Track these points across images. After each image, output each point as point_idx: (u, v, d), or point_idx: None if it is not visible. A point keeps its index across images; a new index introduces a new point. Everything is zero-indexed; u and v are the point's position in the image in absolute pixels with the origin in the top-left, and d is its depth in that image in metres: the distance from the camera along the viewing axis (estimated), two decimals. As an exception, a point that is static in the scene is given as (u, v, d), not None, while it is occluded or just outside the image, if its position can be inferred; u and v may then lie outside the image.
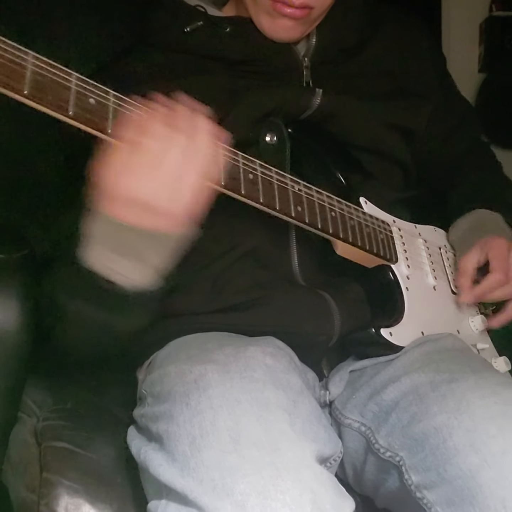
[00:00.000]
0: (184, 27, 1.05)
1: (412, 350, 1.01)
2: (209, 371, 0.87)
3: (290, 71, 1.08)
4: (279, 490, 0.75)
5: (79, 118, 0.75)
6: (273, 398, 0.86)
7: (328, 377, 1.07)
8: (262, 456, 0.77)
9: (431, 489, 0.86)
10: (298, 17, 1.02)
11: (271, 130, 1.03)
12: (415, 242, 1.13)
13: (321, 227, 0.95)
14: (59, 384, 1.13)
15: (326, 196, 0.97)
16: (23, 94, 0.70)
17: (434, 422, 0.87)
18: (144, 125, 0.79)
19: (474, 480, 0.81)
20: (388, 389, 0.96)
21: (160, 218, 0.80)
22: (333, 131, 1.09)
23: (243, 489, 0.75)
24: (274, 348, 0.97)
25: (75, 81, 0.75)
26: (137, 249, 0.82)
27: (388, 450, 0.92)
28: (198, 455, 0.78)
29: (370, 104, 1.11)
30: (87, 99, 0.75)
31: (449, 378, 0.91)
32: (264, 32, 1.05)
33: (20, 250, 1.02)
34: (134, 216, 0.80)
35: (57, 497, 0.97)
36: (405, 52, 1.19)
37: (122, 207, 0.79)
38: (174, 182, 0.79)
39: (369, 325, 1.02)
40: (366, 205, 1.07)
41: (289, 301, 1.03)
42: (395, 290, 1.05)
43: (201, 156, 0.81)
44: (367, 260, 1.04)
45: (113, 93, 0.78)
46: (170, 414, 0.85)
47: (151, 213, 0.80)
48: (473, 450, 0.82)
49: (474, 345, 1.13)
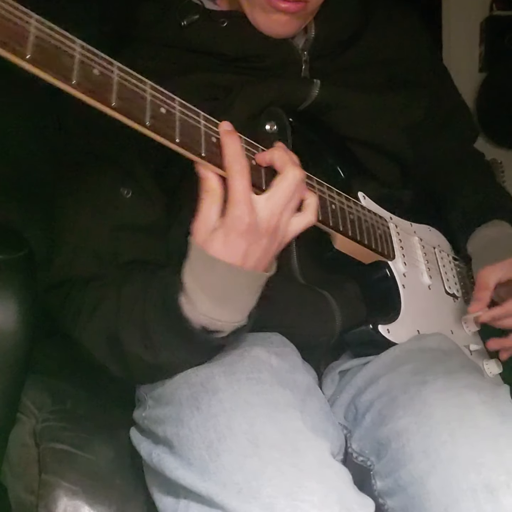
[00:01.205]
0: (180, 20, 1.01)
1: (394, 347, 1.00)
2: (215, 374, 0.87)
3: (288, 66, 1.06)
4: (305, 491, 0.75)
5: (82, 88, 0.70)
6: (281, 399, 0.86)
7: (321, 379, 1.07)
8: (283, 458, 0.78)
9: (390, 496, 0.85)
10: (293, 11, 0.98)
11: (271, 119, 1.01)
12: (411, 240, 1.13)
13: (321, 219, 0.93)
14: (58, 385, 1.13)
15: (326, 188, 0.96)
16: (26, 59, 0.66)
17: (397, 426, 0.87)
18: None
19: (423, 487, 0.80)
20: (368, 390, 0.96)
21: (274, 242, 0.83)
22: (332, 122, 1.08)
23: (270, 492, 0.75)
24: (278, 347, 0.97)
25: (79, 49, 0.71)
26: (235, 293, 0.84)
27: (359, 454, 0.92)
28: (218, 459, 0.79)
29: (369, 96, 1.10)
30: (91, 69, 0.71)
31: (421, 380, 0.91)
32: (259, 28, 1.01)
33: (19, 250, 1.02)
34: (255, 246, 0.82)
35: (56, 499, 0.97)
36: (399, 38, 1.17)
37: (243, 242, 0.80)
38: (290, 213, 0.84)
39: (366, 322, 1.01)
40: (364, 200, 1.06)
41: (290, 301, 1.02)
42: (392, 287, 1.05)
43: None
44: (365, 256, 1.03)
45: (118, 65, 0.74)
46: (179, 418, 0.85)
47: (271, 238, 0.82)
48: (424, 456, 0.82)
49: (467, 346, 1.12)
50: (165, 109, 0.77)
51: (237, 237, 0.79)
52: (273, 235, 0.82)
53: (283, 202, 0.81)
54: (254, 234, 0.80)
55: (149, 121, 0.75)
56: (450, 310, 1.14)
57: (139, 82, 0.75)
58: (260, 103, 1.02)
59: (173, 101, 0.78)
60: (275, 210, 0.81)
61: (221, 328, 0.85)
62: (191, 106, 0.80)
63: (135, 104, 0.74)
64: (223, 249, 0.80)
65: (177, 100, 0.78)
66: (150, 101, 0.75)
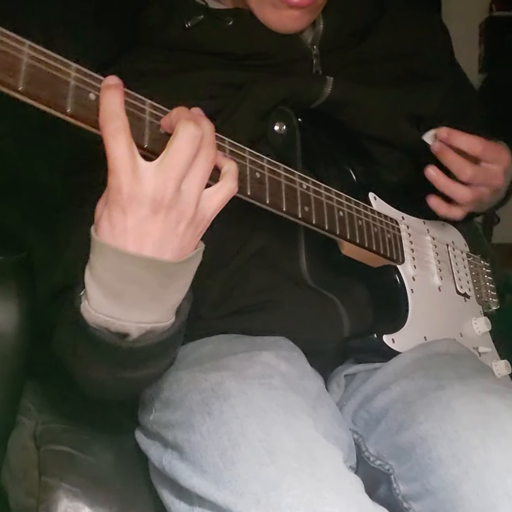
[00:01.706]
0: (184, 22, 1.00)
1: (403, 355, 0.99)
2: (225, 378, 0.86)
3: (298, 62, 1.04)
4: (326, 503, 0.73)
5: (78, 116, 0.67)
6: (296, 404, 0.85)
7: (326, 383, 1.06)
8: (302, 468, 0.76)
9: (417, 500, 0.85)
10: (305, 5, 0.96)
11: (280, 119, 1.00)
12: (423, 240, 1.11)
13: (328, 228, 0.93)
14: (58, 387, 1.12)
15: (334, 194, 0.94)
16: (18, 90, 0.64)
17: (420, 431, 0.86)
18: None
19: (456, 492, 0.80)
20: (378, 397, 0.95)
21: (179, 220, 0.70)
22: (345, 120, 1.05)
23: (290, 503, 0.73)
24: (287, 351, 0.96)
25: (74, 74, 0.67)
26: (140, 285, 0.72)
27: (377, 458, 0.92)
28: (233, 468, 0.77)
29: (382, 91, 1.08)
30: (87, 94, 0.67)
31: (436, 385, 0.90)
32: (269, 25, 0.99)
33: (18, 253, 1.01)
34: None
35: (56, 501, 0.96)
36: (416, 31, 1.15)
37: (135, 216, 0.68)
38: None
39: (371, 331, 1.00)
40: (375, 201, 1.04)
41: (298, 306, 1.01)
42: (400, 292, 1.03)
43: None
44: (373, 260, 1.02)
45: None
46: (190, 423, 0.83)
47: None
48: (455, 461, 0.81)
49: (476, 348, 1.12)
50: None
51: (120, 213, 0.67)
52: (172, 209, 0.67)
53: (177, 165, 0.67)
54: (142, 208, 0.66)
55: (148, 142, 0.71)
56: (460, 311, 1.14)
57: (138, 103, 0.72)
58: (271, 102, 1.00)
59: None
60: (168, 176, 0.66)
61: (123, 330, 0.73)
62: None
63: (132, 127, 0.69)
64: (110, 229, 0.68)
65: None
66: (149, 122, 0.72)
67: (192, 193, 0.68)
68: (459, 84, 1.25)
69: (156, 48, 1.02)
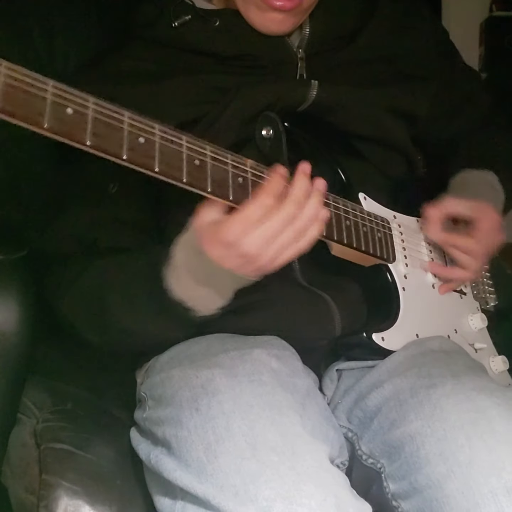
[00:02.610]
0: (172, 21, 1.00)
1: (397, 353, 1.00)
2: (216, 375, 0.87)
3: (284, 65, 1.04)
4: (303, 495, 0.75)
5: (56, 130, 0.69)
6: (283, 401, 0.86)
7: (321, 380, 1.07)
8: (282, 461, 0.77)
9: (405, 498, 0.85)
10: (288, 9, 0.96)
11: (267, 124, 1.00)
12: (415, 238, 1.11)
13: None
14: (58, 385, 1.13)
15: None
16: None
17: (410, 429, 0.87)
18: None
19: (441, 490, 0.81)
20: (372, 395, 0.95)
21: (251, 267, 0.83)
22: (333, 121, 1.06)
23: (267, 495, 0.75)
24: (279, 350, 0.96)
25: (51, 90, 0.68)
26: (217, 282, 0.86)
27: (370, 457, 0.92)
28: (215, 461, 0.79)
29: (370, 91, 1.08)
30: (65, 109, 0.69)
31: (428, 383, 0.91)
32: (254, 26, 1.00)
33: (19, 250, 1.02)
34: (229, 261, 0.82)
35: (57, 499, 0.97)
36: (405, 31, 1.14)
37: (221, 251, 0.81)
38: (281, 247, 0.82)
39: (362, 329, 1.01)
40: (365, 201, 1.05)
41: (290, 305, 1.01)
42: (391, 291, 1.04)
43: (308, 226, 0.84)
44: (364, 260, 1.02)
45: (93, 100, 0.72)
46: (178, 419, 0.85)
47: (247, 263, 0.82)
48: (441, 460, 0.82)
49: (472, 344, 1.12)
50: (144, 138, 0.75)
51: (215, 243, 0.81)
52: (252, 260, 0.82)
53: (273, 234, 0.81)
54: (228, 252, 0.81)
55: (126, 153, 0.74)
56: (455, 307, 1.14)
57: (116, 114, 0.73)
58: (257, 107, 1.00)
59: (153, 128, 0.76)
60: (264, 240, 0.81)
61: (195, 307, 0.88)
62: (173, 132, 0.78)
63: (111, 139, 0.73)
64: (210, 242, 0.82)
65: (157, 127, 0.76)
66: (128, 132, 0.74)
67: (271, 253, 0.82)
68: (454, 79, 1.23)
69: (145, 46, 1.02)
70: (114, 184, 0.97)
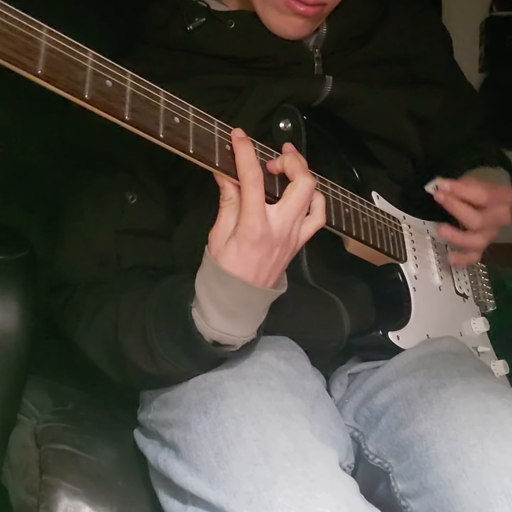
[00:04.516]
0: (186, 25, 0.98)
1: (405, 353, 1.00)
2: (224, 378, 0.86)
3: (300, 65, 1.03)
4: (318, 503, 0.74)
5: (96, 102, 0.68)
6: (292, 406, 0.85)
7: (329, 382, 1.06)
8: (294, 468, 0.77)
9: (414, 498, 0.85)
10: (310, 15, 0.95)
11: (285, 116, 0.99)
12: (423, 239, 1.11)
13: (335, 225, 0.92)
14: (59, 386, 1.12)
15: (340, 191, 0.94)
16: (37, 74, 0.63)
17: (419, 429, 0.86)
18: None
19: (453, 490, 0.80)
20: (380, 394, 0.95)
21: (288, 250, 0.83)
22: (346, 118, 1.05)
23: (282, 503, 0.74)
24: (287, 351, 0.96)
25: (91, 60, 0.67)
26: (249, 307, 0.84)
27: (377, 456, 0.92)
28: (227, 467, 0.78)
29: (383, 91, 1.08)
30: (104, 80, 0.68)
31: (438, 384, 0.91)
32: (270, 29, 0.98)
33: (20, 251, 1.01)
34: (271, 254, 0.81)
35: (57, 500, 0.96)
36: (417, 34, 1.14)
37: (259, 250, 0.79)
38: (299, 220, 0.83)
39: (375, 328, 1.00)
40: (378, 200, 1.04)
41: (299, 305, 1.01)
42: (403, 290, 1.04)
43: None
44: (376, 258, 1.02)
45: (131, 74, 0.71)
46: (186, 422, 0.84)
47: (284, 246, 0.81)
48: (452, 460, 0.82)
49: (475, 348, 1.12)
50: (179, 118, 0.75)
51: (250, 248, 0.79)
52: (285, 244, 0.81)
53: (295, 211, 0.80)
54: (267, 245, 0.79)
55: (163, 132, 0.73)
56: (459, 311, 1.14)
57: (153, 91, 0.73)
58: (272, 102, 1.00)
59: (187, 109, 0.76)
60: (287, 220, 0.80)
61: (232, 343, 0.85)
62: (206, 114, 0.78)
63: (148, 116, 0.72)
64: (237, 260, 0.79)
65: (191, 107, 0.77)
66: (164, 111, 0.73)
67: (298, 231, 0.82)
68: (459, 86, 1.25)
69: (157, 49, 1.02)
70: (132, 194, 0.95)
